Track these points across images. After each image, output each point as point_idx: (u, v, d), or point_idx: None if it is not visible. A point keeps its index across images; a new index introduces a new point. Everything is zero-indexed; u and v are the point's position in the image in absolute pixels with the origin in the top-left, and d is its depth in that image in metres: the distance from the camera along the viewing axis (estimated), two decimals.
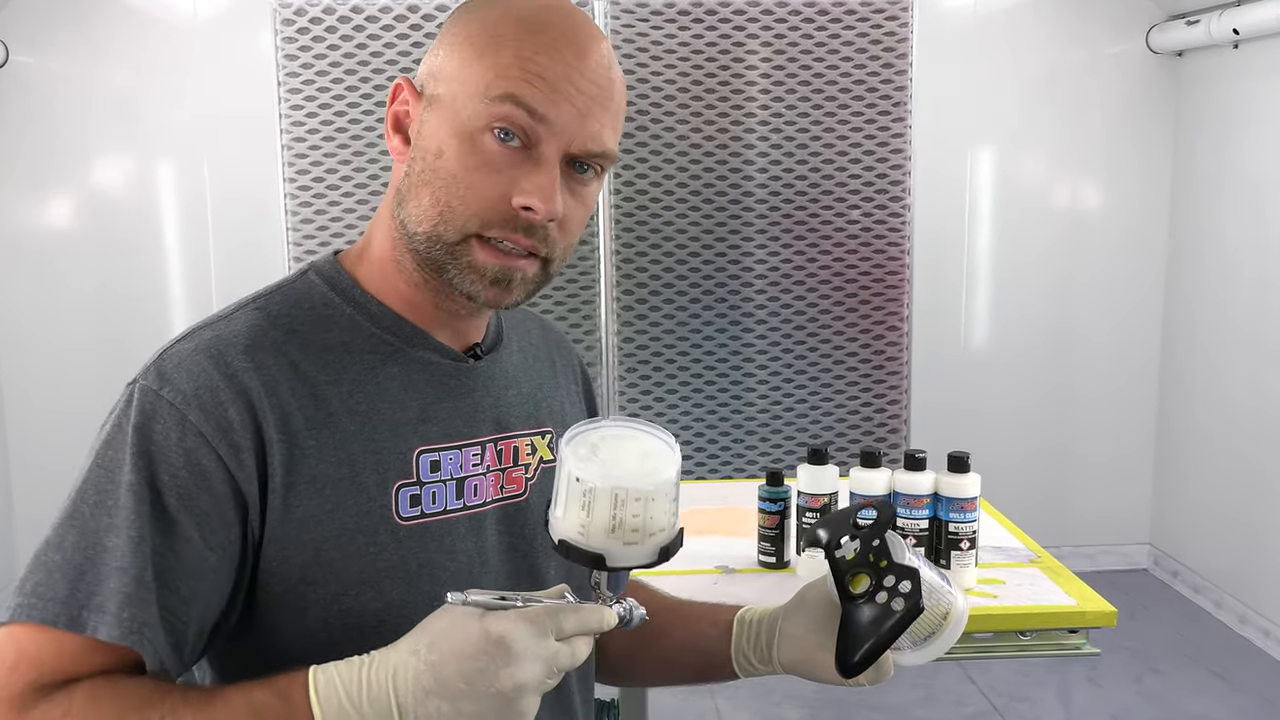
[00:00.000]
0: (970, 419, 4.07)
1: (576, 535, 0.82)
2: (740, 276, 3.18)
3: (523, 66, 0.87)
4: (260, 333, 0.91)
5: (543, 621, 0.78)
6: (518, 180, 0.88)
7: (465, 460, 0.97)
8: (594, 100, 0.89)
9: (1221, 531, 3.82)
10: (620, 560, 0.82)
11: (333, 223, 3.03)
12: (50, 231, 3.80)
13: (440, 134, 0.90)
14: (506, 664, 0.76)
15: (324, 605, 0.88)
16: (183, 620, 0.84)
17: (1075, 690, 3.31)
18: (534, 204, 0.88)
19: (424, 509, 0.93)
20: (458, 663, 0.77)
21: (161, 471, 0.84)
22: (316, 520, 0.88)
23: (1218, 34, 3.60)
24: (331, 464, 0.89)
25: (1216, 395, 3.84)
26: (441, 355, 0.97)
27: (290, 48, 2.96)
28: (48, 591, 0.82)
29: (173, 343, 0.91)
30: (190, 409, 0.85)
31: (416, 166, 0.91)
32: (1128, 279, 4.15)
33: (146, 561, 0.82)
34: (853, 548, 0.97)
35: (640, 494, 0.81)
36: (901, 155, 3.17)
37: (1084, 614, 1.71)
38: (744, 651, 1.08)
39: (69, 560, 0.83)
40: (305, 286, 0.97)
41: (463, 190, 0.88)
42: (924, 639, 0.98)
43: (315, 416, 0.89)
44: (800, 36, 3.11)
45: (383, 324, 0.96)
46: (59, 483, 0.93)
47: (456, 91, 0.89)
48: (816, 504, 1.81)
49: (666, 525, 0.83)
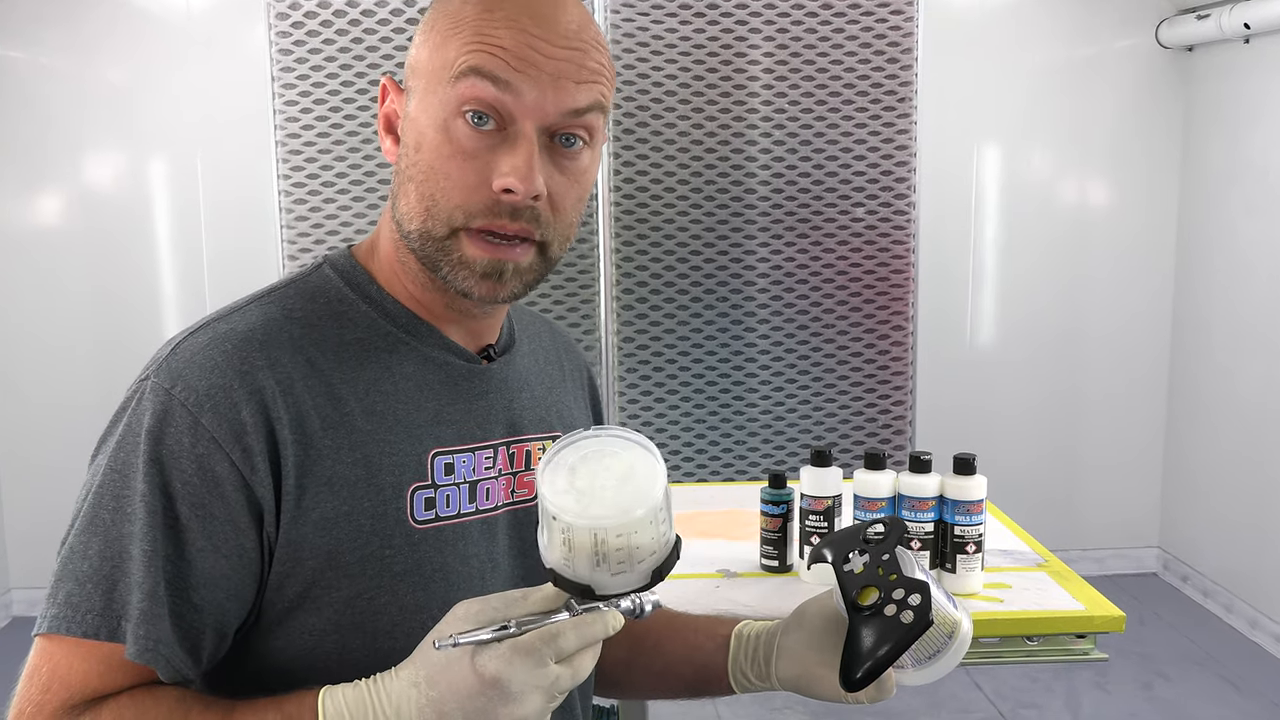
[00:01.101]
0: (976, 420, 4.08)
1: (562, 565, 0.81)
2: (742, 275, 3.18)
3: (482, 39, 0.87)
4: (276, 327, 0.91)
5: (538, 650, 0.78)
6: (495, 162, 0.87)
7: (478, 463, 0.97)
8: (565, 63, 0.87)
9: (1232, 534, 3.82)
10: (610, 589, 0.81)
11: (328, 220, 3.03)
12: (42, 229, 3.81)
13: (418, 126, 0.90)
14: (505, 704, 0.77)
15: (337, 609, 0.89)
16: (197, 629, 0.85)
17: (1083, 697, 3.32)
18: (511, 184, 0.86)
19: (438, 512, 0.93)
20: (458, 700, 0.77)
21: (174, 479, 0.84)
22: (332, 522, 0.88)
23: (1229, 28, 3.60)
24: (347, 465, 0.89)
25: (1227, 395, 3.85)
26: (456, 355, 0.98)
27: (284, 42, 2.97)
28: (83, 603, 0.83)
29: (185, 335, 0.90)
30: (203, 412, 0.85)
31: (403, 164, 0.91)
32: (1136, 277, 4.16)
33: (160, 575, 0.83)
34: (861, 562, 0.98)
35: (622, 529, 0.79)
36: (907, 151, 3.18)
37: (1092, 619, 1.72)
38: (741, 666, 1.08)
39: (98, 570, 0.83)
40: (321, 281, 0.96)
41: (442, 181, 0.88)
42: (928, 658, 0.99)
43: (331, 416, 0.89)
44: (804, 30, 3.11)
45: (399, 322, 0.96)
46: (48, 480, 0.94)
47: (428, 81, 0.89)
48: (820, 506, 1.81)
49: (656, 548, 0.81)
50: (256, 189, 3.53)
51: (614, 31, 3.04)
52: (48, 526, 3.44)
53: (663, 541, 0.81)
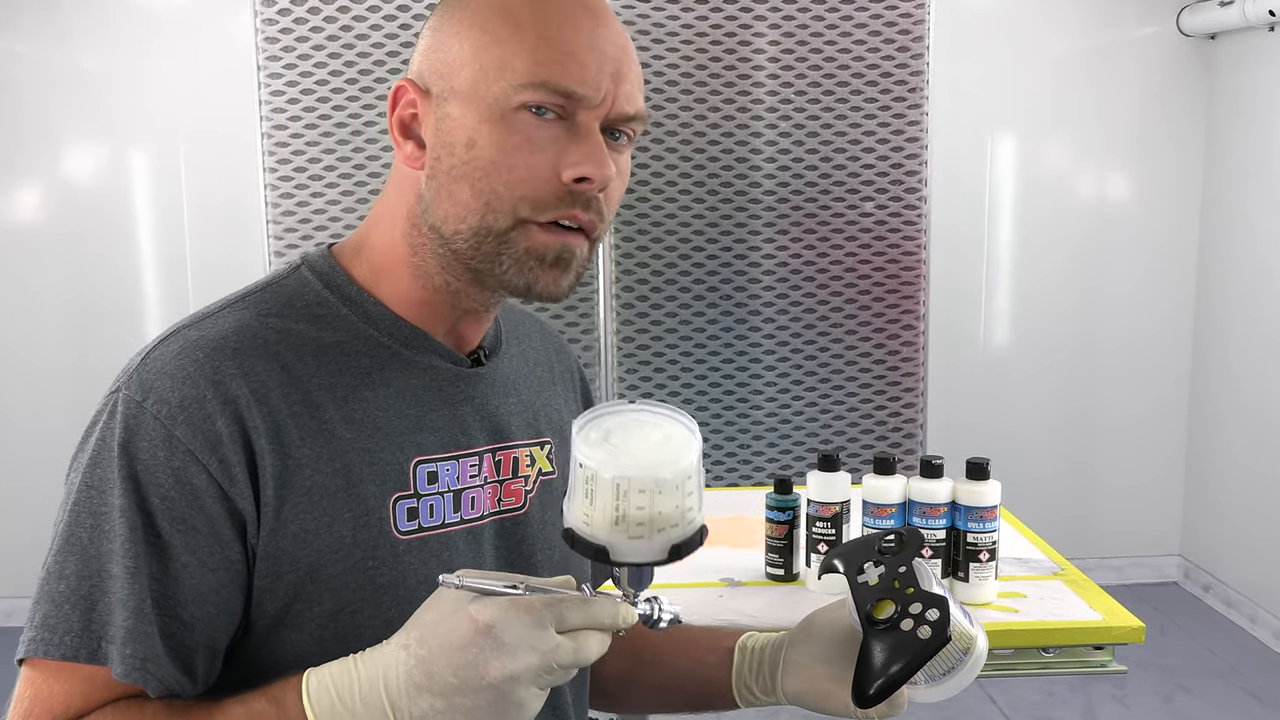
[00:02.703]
0: (990, 423, 4.07)
1: (581, 524, 0.82)
2: (747, 273, 3.18)
3: (550, 46, 0.88)
4: (250, 333, 0.90)
5: (539, 612, 0.77)
6: (563, 153, 0.88)
7: (463, 471, 0.97)
8: (620, 62, 0.90)
9: (1257, 542, 3.82)
10: (625, 555, 0.81)
11: (315, 215, 3.03)
12: (14, 225, 3.80)
13: (467, 124, 0.89)
14: (496, 654, 0.76)
15: (319, 623, 0.89)
16: (189, 646, 0.85)
17: (1101, 710, 3.31)
18: (589, 172, 0.88)
19: (421, 522, 0.93)
20: (447, 656, 0.77)
21: (151, 494, 0.84)
22: (312, 534, 0.88)
23: (1253, 15, 3.60)
24: (327, 475, 0.89)
25: (1251, 397, 3.84)
26: (442, 358, 0.97)
27: (271, 30, 2.96)
28: (60, 624, 0.83)
29: (155, 344, 0.90)
30: (176, 424, 0.85)
31: (444, 165, 0.90)
32: (1157, 274, 4.15)
33: (145, 592, 0.83)
34: (877, 574, 0.98)
35: (645, 485, 0.80)
36: (918, 145, 3.17)
37: (1110, 629, 1.71)
38: (745, 680, 1.08)
39: (75, 590, 0.84)
40: (298, 283, 0.96)
41: (505, 174, 0.88)
42: (942, 674, 0.98)
43: (309, 425, 0.89)
44: (810, 19, 3.11)
45: (380, 325, 0.95)
46: (22, 487, 0.93)
47: (477, 78, 0.89)
48: (827, 513, 1.81)
49: (679, 521, 0.82)
50: (241, 183, 3.52)
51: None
52: (21, 535, 3.43)
53: (687, 517, 0.82)
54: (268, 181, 3.00)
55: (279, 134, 3.00)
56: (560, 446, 1.07)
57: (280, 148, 3.00)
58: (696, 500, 0.83)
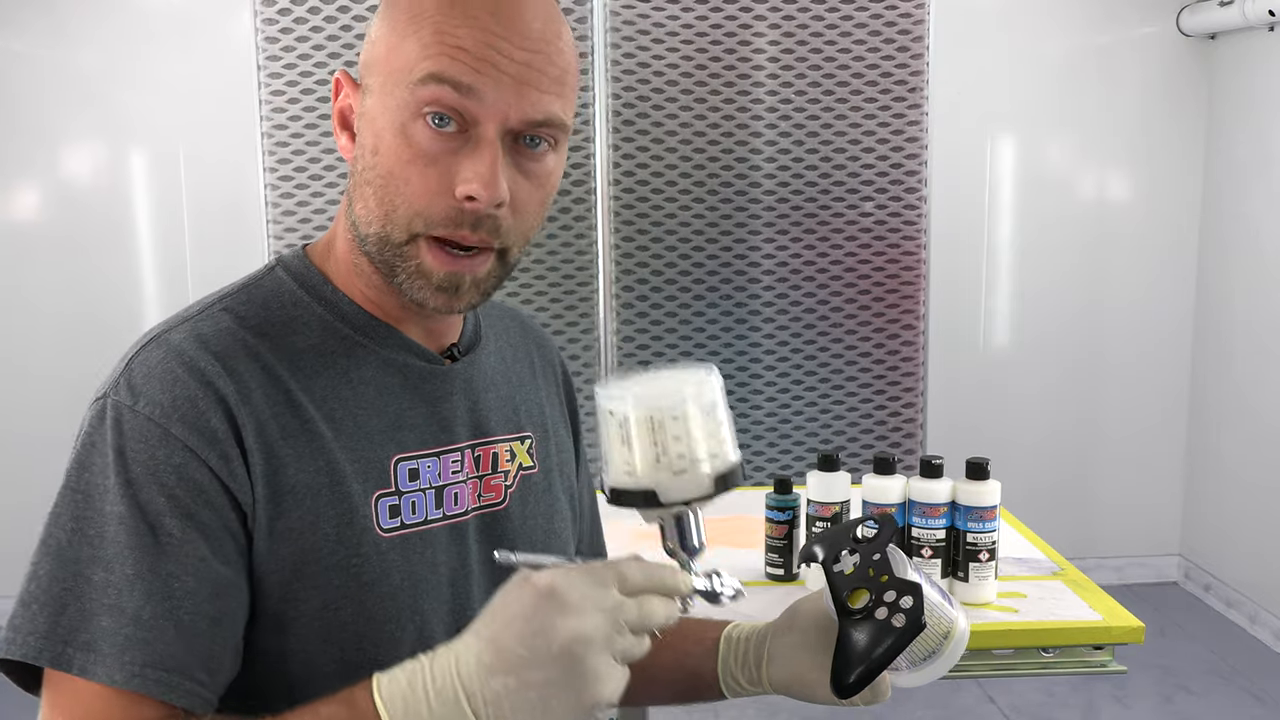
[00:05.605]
0: (990, 423, 4.08)
1: (624, 477, 0.83)
2: (746, 272, 3.18)
3: (442, 41, 0.86)
4: (230, 335, 0.91)
5: (600, 572, 0.77)
6: (457, 168, 0.87)
7: (444, 468, 0.97)
8: (528, 66, 0.87)
9: (1257, 541, 3.82)
10: (673, 494, 0.82)
11: (315, 215, 3.03)
12: (13, 225, 3.80)
13: (376, 127, 0.89)
14: (562, 615, 0.75)
15: (304, 622, 0.89)
16: (219, 644, 0.85)
17: (1102, 711, 3.32)
18: (475, 190, 0.86)
19: (404, 519, 0.94)
20: (513, 627, 0.76)
21: (156, 495, 0.84)
22: (298, 533, 0.88)
23: (1253, 15, 3.60)
24: (310, 473, 0.89)
25: (1252, 397, 3.85)
26: (416, 356, 0.98)
27: (270, 30, 2.97)
28: (24, 624, 0.82)
29: (136, 350, 0.90)
30: (172, 423, 0.85)
31: (360, 165, 0.91)
32: (1157, 274, 4.15)
33: (146, 599, 0.82)
34: (852, 562, 0.98)
35: (677, 412, 0.81)
36: (918, 144, 3.18)
37: (1110, 629, 1.72)
38: (731, 671, 1.08)
39: (46, 591, 0.83)
40: (274, 284, 0.97)
41: (402, 187, 0.88)
42: (923, 659, 0.99)
43: (291, 424, 0.90)
44: (810, 18, 3.11)
45: (355, 324, 0.96)
46: (19, 488, 0.94)
47: (385, 80, 0.89)
48: (827, 513, 1.81)
49: (717, 450, 0.83)
50: (241, 180, 3.52)
51: (614, 19, 3.04)
52: (21, 538, 3.43)
53: (725, 450, 0.84)
54: (268, 181, 3.01)
55: (279, 134, 3.00)
56: (541, 441, 1.08)
57: (280, 147, 3.01)
58: (729, 433, 0.85)
